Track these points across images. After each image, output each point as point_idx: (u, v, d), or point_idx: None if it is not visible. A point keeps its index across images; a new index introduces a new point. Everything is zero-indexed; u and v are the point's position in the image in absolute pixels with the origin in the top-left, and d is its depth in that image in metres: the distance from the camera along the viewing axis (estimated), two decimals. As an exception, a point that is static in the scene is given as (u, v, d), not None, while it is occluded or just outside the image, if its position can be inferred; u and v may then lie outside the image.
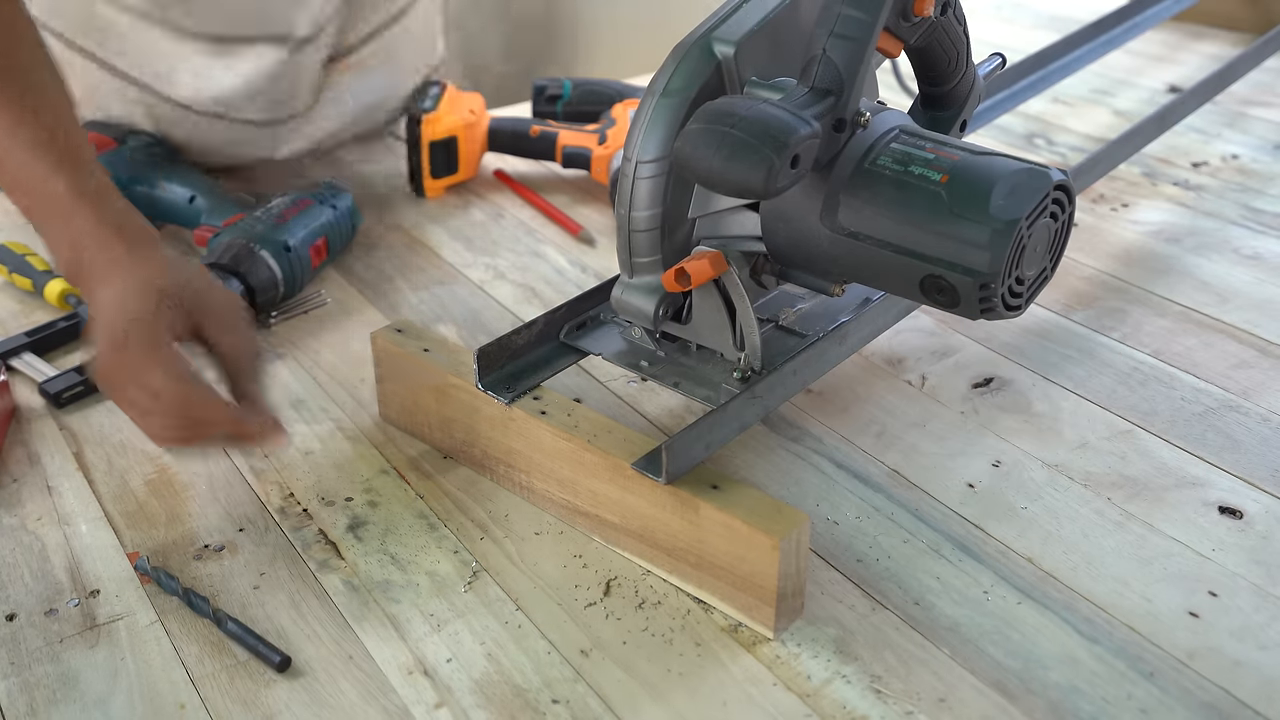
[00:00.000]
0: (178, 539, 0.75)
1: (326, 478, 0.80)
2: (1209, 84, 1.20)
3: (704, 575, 0.68)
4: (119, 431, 0.85)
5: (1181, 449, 0.82)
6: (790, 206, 0.70)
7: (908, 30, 0.72)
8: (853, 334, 0.82)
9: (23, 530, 0.76)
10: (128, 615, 0.69)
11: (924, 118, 0.82)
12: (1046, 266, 0.70)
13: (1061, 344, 0.94)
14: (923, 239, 0.66)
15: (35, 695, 0.64)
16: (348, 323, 0.99)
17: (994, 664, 0.65)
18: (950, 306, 0.68)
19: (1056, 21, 1.73)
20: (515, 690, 0.64)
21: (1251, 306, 0.99)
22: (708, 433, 0.70)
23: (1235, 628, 0.67)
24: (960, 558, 0.72)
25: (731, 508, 0.65)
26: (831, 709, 0.62)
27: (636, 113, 0.71)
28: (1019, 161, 0.67)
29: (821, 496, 0.78)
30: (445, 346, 0.81)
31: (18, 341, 0.94)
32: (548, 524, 0.76)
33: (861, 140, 0.69)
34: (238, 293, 0.94)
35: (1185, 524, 0.75)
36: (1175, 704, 0.62)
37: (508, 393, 0.76)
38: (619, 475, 0.70)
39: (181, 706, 0.63)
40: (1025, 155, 0.89)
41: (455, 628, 0.68)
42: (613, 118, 1.21)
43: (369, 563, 0.73)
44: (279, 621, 0.69)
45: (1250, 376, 0.89)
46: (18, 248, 1.04)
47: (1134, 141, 1.09)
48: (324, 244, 1.03)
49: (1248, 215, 1.15)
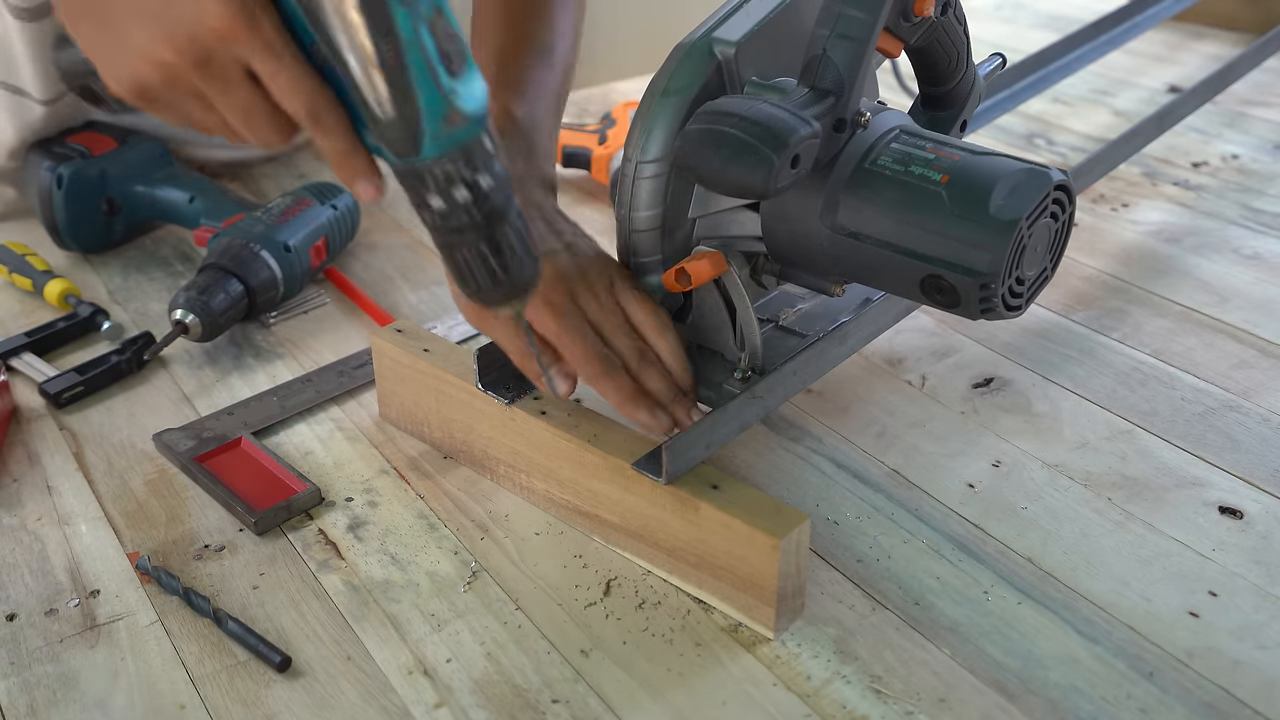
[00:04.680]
0: (178, 539, 0.75)
1: (326, 478, 0.80)
2: (1209, 84, 1.20)
3: (704, 575, 0.68)
4: (119, 431, 0.85)
5: (1181, 449, 0.82)
6: (790, 206, 0.70)
7: (908, 30, 0.72)
8: (853, 334, 0.82)
9: (23, 530, 0.76)
10: (128, 615, 0.69)
11: (924, 118, 0.82)
12: (1047, 266, 0.70)
13: (1061, 344, 0.94)
14: (923, 239, 0.66)
15: (35, 695, 0.64)
16: (347, 323, 0.99)
17: (994, 664, 0.65)
18: (950, 306, 0.68)
19: (1056, 21, 1.73)
20: (515, 690, 0.64)
21: (1251, 306, 0.99)
22: (708, 433, 0.70)
23: (1235, 627, 0.67)
24: (960, 558, 0.72)
25: (731, 507, 0.65)
26: (831, 709, 0.62)
27: (637, 113, 0.71)
28: (1019, 161, 0.67)
29: (821, 496, 0.78)
30: (445, 346, 0.81)
31: (18, 341, 0.94)
32: (548, 524, 0.76)
33: (862, 140, 0.69)
34: (237, 293, 0.94)
35: (1185, 524, 0.75)
36: (1175, 703, 0.62)
37: (508, 393, 0.76)
38: (619, 475, 0.70)
39: (181, 707, 0.63)
40: (1025, 155, 0.89)
41: (455, 628, 0.68)
42: (613, 118, 1.21)
43: (369, 563, 0.73)
44: (279, 621, 0.69)
45: (1250, 376, 0.89)
46: (18, 248, 1.04)
47: (1134, 141, 1.09)
48: (324, 244, 1.03)
49: (1248, 215, 1.15)
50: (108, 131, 1.11)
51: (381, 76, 0.53)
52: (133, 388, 0.90)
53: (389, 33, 0.52)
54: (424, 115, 0.53)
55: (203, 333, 0.92)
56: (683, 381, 0.74)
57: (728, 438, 0.73)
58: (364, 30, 0.52)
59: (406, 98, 0.53)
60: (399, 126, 0.54)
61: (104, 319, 0.97)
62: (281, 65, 0.55)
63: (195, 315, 0.91)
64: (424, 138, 0.54)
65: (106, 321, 0.97)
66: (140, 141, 1.11)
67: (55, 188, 1.05)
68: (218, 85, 0.56)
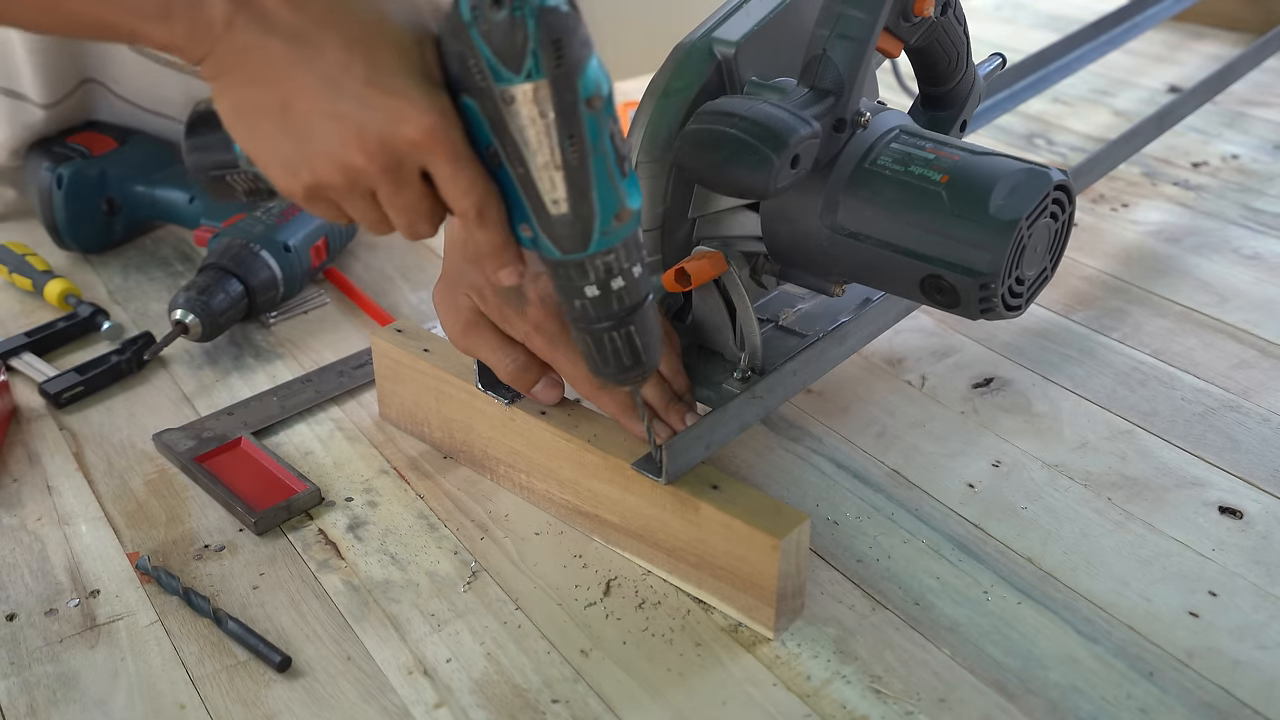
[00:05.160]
0: (178, 539, 0.75)
1: (326, 478, 0.80)
2: (1209, 84, 1.20)
3: (704, 575, 0.68)
4: (119, 431, 0.85)
5: (1181, 449, 0.82)
6: (790, 206, 0.70)
7: (908, 30, 0.72)
8: (853, 334, 0.82)
9: (23, 530, 0.76)
10: (128, 615, 0.69)
11: (924, 118, 0.82)
12: (1046, 266, 0.70)
13: (1061, 344, 0.94)
14: (923, 239, 0.66)
15: (35, 695, 0.64)
16: (347, 323, 0.99)
17: (994, 664, 0.65)
18: (950, 307, 0.68)
19: (1056, 21, 1.73)
20: (515, 690, 0.64)
21: (1251, 306, 0.99)
22: (708, 433, 0.70)
23: (1235, 627, 0.67)
24: (960, 558, 0.72)
25: (731, 508, 0.65)
26: (831, 709, 0.62)
27: (636, 113, 0.71)
28: (1019, 161, 0.67)
29: (821, 496, 0.78)
30: (445, 346, 0.81)
31: (18, 341, 0.94)
32: (548, 524, 0.76)
33: (861, 140, 0.69)
34: (237, 293, 0.94)
35: (1185, 524, 0.75)
36: (1175, 703, 0.62)
37: (508, 393, 0.76)
38: (619, 475, 0.70)
39: (181, 707, 0.63)
40: (1025, 155, 0.89)
41: (455, 628, 0.68)
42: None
43: (369, 563, 0.73)
44: (279, 621, 0.69)
45: (1250, 376, 0.89)
46: (18, 248, 1.04)
47: (1134, 141, 1.09)
48: (324, 244, 1.03)
49: (1248, 215, 1.15)
50: (108, 131, 1.11)
51: (563, 178, 0.54)
52: (133, 388, 0.91)
53: (576, 138, 0.54)
54: (598, 214, 0.55)
55: (203, 333, 0.92)
56: (678, 387, 0.73)
57: (728, 438, 0.73)
58: (554, 135, 0.53)
59: (584, 198, 0.55)
60: (571, 224, 0.56)
61: (104, 319, 0.97)
62: (460, 169, 0.55)
63: (195, 315, 0.91)
64: (594, 234, 0.56)
65: (106, 321, 0.97)
66: (140, 141, 1.11)
67: (55, 188, 1.05)
68: (393, 186, 0.56)
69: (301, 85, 0.54)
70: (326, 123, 0.54)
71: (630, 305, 0.59)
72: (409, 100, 0.53)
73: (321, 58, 0.54)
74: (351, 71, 0.53)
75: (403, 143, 0.54)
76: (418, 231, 0.59)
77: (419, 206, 0.57)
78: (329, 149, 0.55)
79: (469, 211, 0.57)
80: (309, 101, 0.54)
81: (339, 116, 0.54)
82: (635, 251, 0.58)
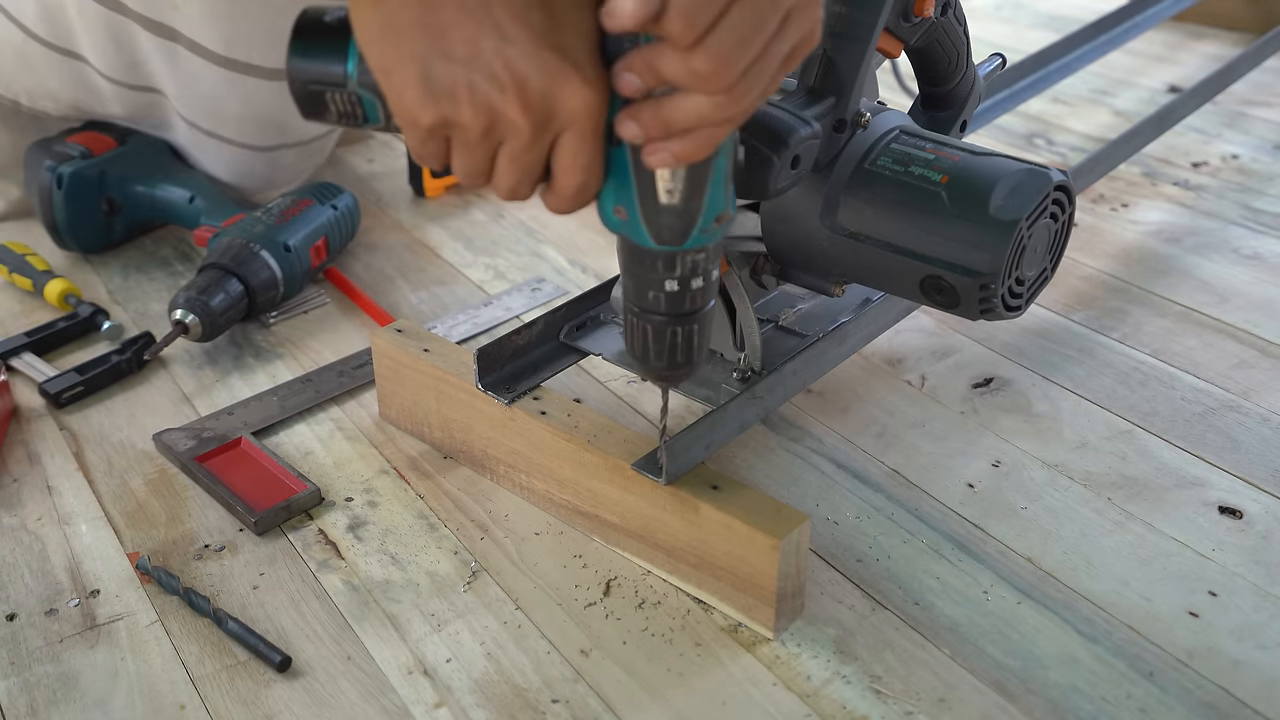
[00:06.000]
0: (178, 539, 0.75)
1: (326, 478, 0.80)
2: (1209, 84, 1.20)
3: (704, 575, 0.68)
4: (119, 431, 0.85)
5: (1181, 449, 0.82)
6: (790, 207, 0.70)
7: (908, 30, 0.72)
8: (853, 334, 0.82)
9: (23, 530, 0.76)
10: (128, 615, 0.69)
11: (924, 118, 0.82)
12: (1046, 267, 0.70)
13: (1061, 344, 0.94)
14: (923, 239, 0.66)
15: (35, 695, 0.64)
16: (347, 323, 0.99)
17: (994, 664, 0.65)
18: (950, 307, 0.68)
19: (1056, 21, 1.73)
20: (515, 690, 0.64)
21: (1251, 306, 0.99)
22: (708, 433, 0.70)
23: (1235, 627, 0.67)
24: (960, 558, 0.72)
25: (731, 508, 0.65)
26: (831, 709, 0.62)
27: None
28: (1019, 162, 0.67)
29: (821, 496, 0.78)
30: (445, 346, 0.81)
31: (18, 341, 0.94)
32: (548, 524, 0.76)
33: (861, 141, 0.69)
34: (237, 293, 0.94)
35: (1185, 524, 0.75)
36: (1175, 703, 0.62)
37: (508, 393, 0.76)
38: (619, 475, 0.70)
39: (181, 707, 0.63)
40: (1025, 155, 0.89)
41: (455, 628, 0.68)
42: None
43: (369, 563, 0.73)
44: (279, 621, 0.69)
45: (1250, 376, 0.89)
46: (18, 248, 1.04)
47: (1134, 141, 1.09)
48: (324, 244, 1.03)
49: (1248, 215, 1.15)
50: (108, 131, 1.11)
51: (686, 169, 0.54)
52: (133, 388, 0.91)
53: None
54: (704, 211, 0.55)
55: (203, 333, 0.92)
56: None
57: (728, 438, 0.73)
58: None
59: (699, 193, 0.55)
60: (678, 215, 0.55)
61: (104, 319, 0.97)
62: (587, 147, 0.53)
63: (195, 315, 0.91)
64: (694, 230, 0.56)
65: (106, 321, 0.97)
66: (140, 141, 1.11)
67: (55, 188, 1.05)
68: (527, 145, 0.54)
69: (469, 17, 0.51)
70: (490, 64, 0.51)
71: (699, 306, 0.59)
72: (579, 68, 0.51)
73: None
74: (529, 20, 0.51)
75: (563, 109, 0.52)
76: (518, 193, 0.56)
77: (536, 170, 0.55)
78: (484, 90, 0.52)
79: (569, 187, 0.55)
80: (475, 36, 0.51)
81: (507, 62, 0.51)
82: (718, 256, 0.59)
